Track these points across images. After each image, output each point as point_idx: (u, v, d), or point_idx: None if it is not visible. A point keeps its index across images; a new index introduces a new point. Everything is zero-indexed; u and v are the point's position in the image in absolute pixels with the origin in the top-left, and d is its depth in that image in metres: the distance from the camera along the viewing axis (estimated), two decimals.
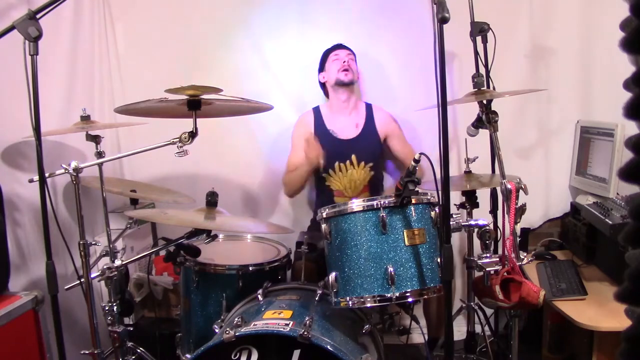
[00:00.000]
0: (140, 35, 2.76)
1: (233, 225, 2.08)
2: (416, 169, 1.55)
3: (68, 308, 2.22)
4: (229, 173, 2.81)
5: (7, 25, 1.51)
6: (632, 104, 0.62)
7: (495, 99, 1.86)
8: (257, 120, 2.59)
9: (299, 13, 2.68)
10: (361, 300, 1.55)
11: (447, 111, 1.40)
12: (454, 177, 2.23)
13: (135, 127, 2.45)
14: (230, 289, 1.94)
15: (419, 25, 2.48)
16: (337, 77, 2.44)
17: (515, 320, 1.78)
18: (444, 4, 1.33)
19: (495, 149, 1.68)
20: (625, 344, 0.63)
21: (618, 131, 2.19)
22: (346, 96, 2.49)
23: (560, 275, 2.07)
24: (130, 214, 2.09)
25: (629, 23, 0.62)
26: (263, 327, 1.52)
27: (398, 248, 1.54)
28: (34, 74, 1.49)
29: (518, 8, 2.54)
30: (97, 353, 1.69)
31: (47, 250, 1.59)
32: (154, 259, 2.54)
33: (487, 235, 1.68)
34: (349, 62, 2.44)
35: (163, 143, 1.61)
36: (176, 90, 1.56)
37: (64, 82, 2.44)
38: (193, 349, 1.96)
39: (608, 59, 2.38)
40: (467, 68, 2.40)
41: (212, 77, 2.33)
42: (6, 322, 1.78)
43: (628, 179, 0.63)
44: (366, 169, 2.48)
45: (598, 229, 2.08)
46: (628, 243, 0.64)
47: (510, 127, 2.55)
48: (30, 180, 1.64)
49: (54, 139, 2.34)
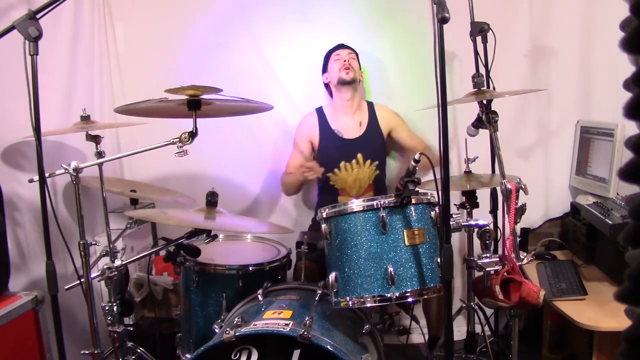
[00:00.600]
0: (140, 35, 2.76)
1: (233, 225, 2.08)
2: (416, 169, 1.55)
3: (68, 308, 2.22)
4: (229, 173, 2.81)
5: (7, 25, 1.51)
6: (632, 104, 0.62)
7: (495, 99, 1.86)
8: (258, 120, 2.59)
9: (299, 13, 2.68)
10: (361, 300, 1.55)
11: (447, 111, 1.40)
12: (454, 177, 2.23)
13: (135, 127, 2.45)
14: (230, 289, 1.94)
15: (419, 25, 2.48)
16: (339, 76, 2.45)
17: (515, 320, 1.78)
18: (444, 4, 1.33)
19: (495, 149, 1.68)
20: (625, 344, 0.63)
21: (618, 131, 2.18)
22: (350, 95, 2.49)
23: (560, 275, 2.07)
24: (130, 214, 2.09)
25: (629, 23, 0.62)
26: (263, 327, 1.52)
27: (398, 248, 1.54)
28: (34, 74, 1.49)
29: (518, 8, 2.54)
30: (97, 353, 1.69)
31: (47, 250, 1.59)
32: (154, 259, 2.54)
33: (487, 235, 1.68)
34: (350, 61, 2.45)
35: (163, 143, 1.61)
36: (176, 90, 1.56)
37: (64, 82, 2.43)
38: (193, 349, 1.96)
39: (608, 59, 2.38)
40: (467, 68, 2.40)
41: (212, 77, 2.34)
42: (6, 322, 1.78)
43: (628, 179, 0.63)
44: (372, 167, 2.48)
45: (598, 229, 2.08)
46: (628, 243, 0.64)
47: (510, 127, 2.56)
48: (30, 180, 1.64)
49: (54, 139, 2.33)
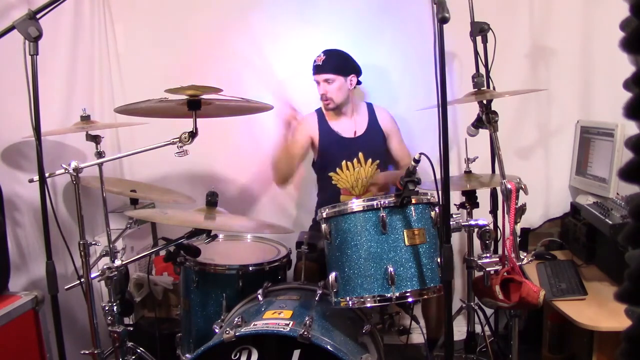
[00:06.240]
0: (140, 35, 2.76)
1: (233, 225, 2.08)
2: (416, 169, 1.55)
3: (68, 308, 2.21)
4: (229, 173, 2.81)
5: (7, 25, 1.51)
6: (632, 104, 0.62)
7: (495, 99, 1.86)
8: (258, 120, 2.59)
9: (299, 13, 2.68)
10: (361, 300, 1.56)
11: (447, 111, 1.41)
12: (454, 177, 2.22)
13: (135, 127, 2.45)
14: (230, 289, 1.94)
15: (419, 25, 2.48)
16: (323, 105, 2.46)
17: (515, 320, 1.78)
18: (444, 4, 1.33)
19: (495, 149, 1.68)
20: (625, 343, 0.62)
21: (618, 131, 2.18)
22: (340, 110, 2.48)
23: (560, 275, 2.07)
24: (130, 214, 2.09)
25: (629, 23, 0.62)
26: (263, 327, 1.52)
27: (398, 248, 1.54)
28: (34, 74, 1.49)
29: (518, 8, 2.54)
30: (97, 353, 1.69)
31: (47, 250, 1.60)
32: (154, 259, 2.54)
33: (487, 235, 1.68)
34: (327, 92, 2.38)
35: (163, 143, 1.61)
36: (176, 90, 1.56)
37: (64, 82, 2.43)
38: (193, 349, 1.96)
39: (608, 59, 2.38)
40: (467, 68, 2.40)
41: (212, 77, 2.34)
42: (6, 322, 1.78)
43: (628, 179, 0.63)
44: (373, 166, 2.48)
45: (598, 229, 2.08)
46: (628, 243, 0.64)
47: (510, 127, 2.55)
48: (30, 180, 1.64)
49: (54, 139, 2.34)
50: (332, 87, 2.38)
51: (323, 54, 2.39)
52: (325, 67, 2.37)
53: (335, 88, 2.38)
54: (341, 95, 2.41)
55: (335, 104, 2.41)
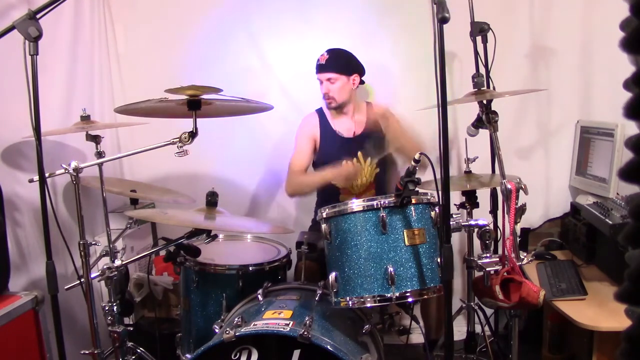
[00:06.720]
0: (140, 36, 2.76)
1: (233, 225, 2.08)
2: (416, 169, 1.55)
3: (68, 308, 2.21)
4: (229, 173, 2.81)
5: (7, 25, 1.51)
6: (632, 104, 0.61)
7: (495, 99, 1.86)
8: (258, 120, 2.59)
9: (299, 13, 2.68)
10: (361, 300, 1.56)
11: (447, 111, 1.40)
12: (454, 177, 2.23)
13: (135, 127, 2.45)
14: (230, 289, 1.94)
15: (419, 25, 2.48)
16: (325, 103, 2.46)
17: (515, 320, 1.78)
18: (444, 4, 1.33)
19: (495, 149, 1.68)
20: (625, 343, 0.62)
21: (618, 131, 2.19)
22: (342, 110, 2.48)
23: (560, 275, 2.07)
24: (130, 214, 2.09)
25: (629, 23, 0.62)
26: (263, 327, 1.52)
27: (398, 248, 1.54)
28: (34, 74, 1.49)
29: (518, 8, 2.54)
30: (97, 353, 1.69)
31: (47, 250, 1.59)
32: (154, 259, 2.54)
33: (487, 235, 1.68)
34: (329, 91, 2.38)
35: (163, 143, 1.61)
36: (176, 90, 1.56)
37: (64, 82, 2.43)
38: (193, 349, 1.96)
39: (608, 59, 2.38)
40: (467, 68, 2.40)
41: (212, 77, 2.33)
42: (6, 322, 1.78)
43: (628, 179, 0.63)
44: (372, 165, 2.48)
45: (598, 229, 2.08)
46: (628, 243, 0.64)
47: (510, 127, 2.56)
48: (30, 180, 1.64)
49: (54, 139, 2.33)
50: (334, 86, 2.38)
51: (327, 52, 2.39)
52: (328, 66, 2.37)
53: (338, 87, 2.39)
54: (343, 94, 2.41)
55: (337, 103, 2.41)
